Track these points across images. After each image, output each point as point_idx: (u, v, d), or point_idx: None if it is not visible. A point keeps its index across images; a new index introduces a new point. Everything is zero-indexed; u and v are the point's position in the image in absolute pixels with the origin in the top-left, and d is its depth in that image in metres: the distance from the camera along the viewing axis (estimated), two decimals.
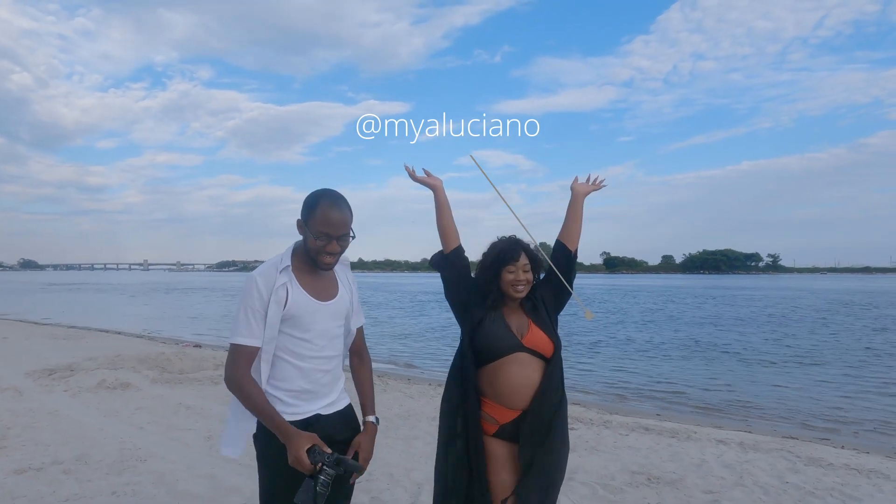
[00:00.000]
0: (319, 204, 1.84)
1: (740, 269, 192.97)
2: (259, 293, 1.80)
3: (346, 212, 1.87)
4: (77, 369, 8.48)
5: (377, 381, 8.50)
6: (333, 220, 1.84)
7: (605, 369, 11.22)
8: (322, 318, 1.90)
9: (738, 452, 5.09)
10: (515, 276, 2.18)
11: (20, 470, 4.18)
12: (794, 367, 11.43)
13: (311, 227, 1.84)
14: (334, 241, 1.85)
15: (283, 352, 1.86)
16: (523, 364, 2.13)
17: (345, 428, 1.97)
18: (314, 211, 1.84)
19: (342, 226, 1.86)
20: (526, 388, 2.11)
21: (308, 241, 1.87)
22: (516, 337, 2.15)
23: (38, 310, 25.96)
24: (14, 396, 6.71)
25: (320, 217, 1.83)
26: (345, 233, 1.87)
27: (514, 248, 2.22)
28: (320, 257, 1.87)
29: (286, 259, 1.90)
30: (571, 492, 3.95)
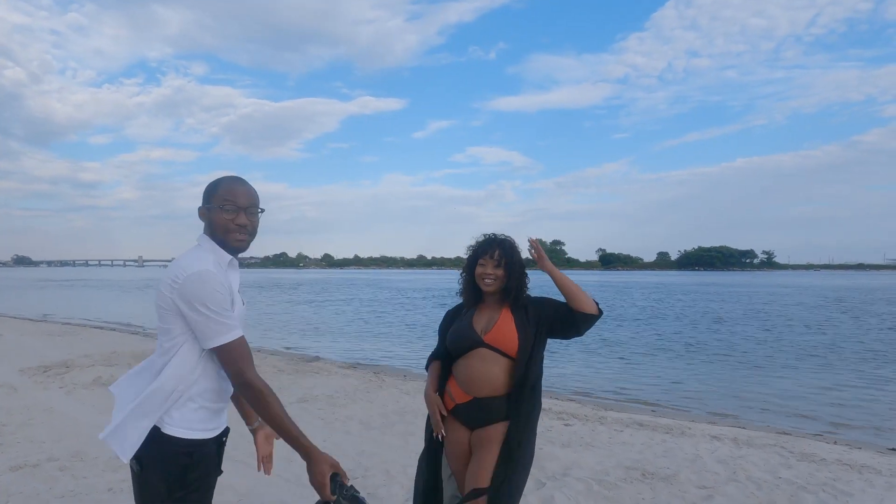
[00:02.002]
0: (223, 181, 1.74)
1: (735, 265, 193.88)
2: (224, 290, 1.64)
3: (251, 187, 1.76)
4: (72, 366, 8.46)
5: (374, 378, 8.52)
6: (239, 190, 1.72)
7: (597, 368, 11.26)
8: (243, 324, 1.78)
9: (732, 448, 5.13)
10: (484, 269, 2.31)
11: (16, 467, 4.18)
12: (788, 364, 11.50)
13: (216, 201, 1.70)
14: (241, 211, 1.70)
15: (212, 362, 1.70)
16: (483, 359, 2.26)
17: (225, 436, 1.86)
18: (217, 189, 1.72)
19: (249, 197, 1.73)
20: (482, 380, 2.25)
21: (213, 220, 1.70)
22: (478, 334, 2.28)
23: (32, 306, 25.86)
24: (9, 393, 6.70)
25: (225, 190, 1.71)
26: (252, 205, 1.73)
27: (488, 244, 2.35)
28: (230, 235, 1.70)
29: (223, 253, 1.72)
30: (567, 487, 3.98)
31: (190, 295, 1.59)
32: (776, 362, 11.65)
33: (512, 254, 2.33)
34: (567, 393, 8.53)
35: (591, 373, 10.46)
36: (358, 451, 4.79)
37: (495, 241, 2.36)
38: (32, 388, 7.02)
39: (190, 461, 1.64)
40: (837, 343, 14.43)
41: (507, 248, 2.33)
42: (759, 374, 10.45)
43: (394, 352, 12.93)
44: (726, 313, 23.53)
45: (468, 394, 2.27)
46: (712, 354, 12.68)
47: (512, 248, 2.35)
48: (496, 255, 2.29)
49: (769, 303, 30.25)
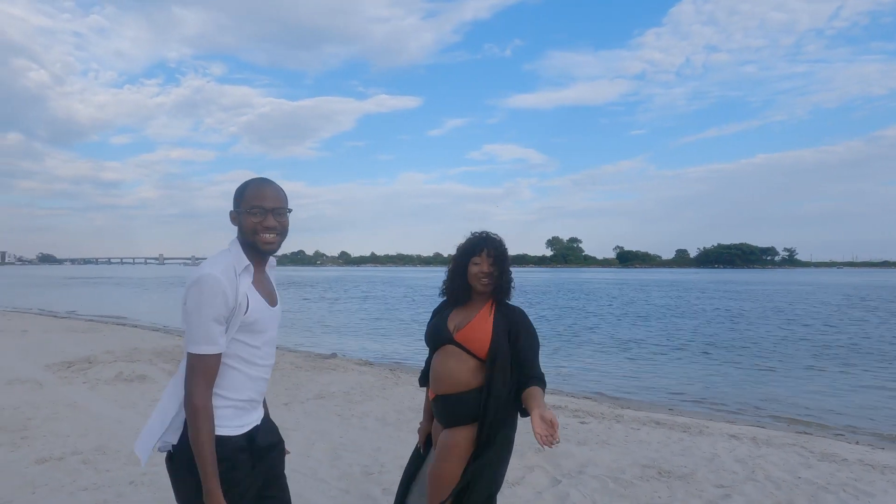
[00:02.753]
0: (249, 185, 1.77)
1: (756, 263, 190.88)
2: (224, 298, 1.63)
3: (278, 188, 1.79)
4: (95, 362, 8.64)
5: (389, 374, 8.57)
6: (266, 193, 1.74)
7: (613, 366, 11.19)
8: (272, 323, 1.80)
9: (751, 447, 5.07)
10: (480, 268, 2.24)
11: (41, 460, 4.28)
12: (810, 363, 11.33)
13: (246, 204, 1.73)
14: (269, 214, 1.73)
15: (234, 360, 1.71)
16: (448, 355, 2.21)
17: (271, 433, 1.90)
18: (244, 192, 1.76)
19: (276, 199, 1.75)
20: (444, 377, 2.20)
21: (243, 224, 1.74)
22: (450, 331, 2.25)
23: (56, 303, 26.40)
24: (35, 388, 6.86)
25: (252, 193, 1.74)
26: (280, 206, 1.76)
27: (482, 241, 2.28)
28: (258, 237, 1.73)
29: (243, 258, 1.74)
30: (582, 485, 3.97)
31: (188, 297, 1.65)
32: (797, 361, 11.47)
33: (505, 253, 2.28)
34: (583, 391, 8.49)
35: (608, 371, 10.40)
36: (374, 447, 4.83)
37: (487, 240, 2.29)
38: (57, 384, 7.18)
39: (220, 457, 1.67)
40: (860, 342, 14.16)
41: (501, 247, 2.28)
42: (778, 373, 10.30)
43: (409, 349, 12.97)
44: (746, 311, 23.22)
45: (434, 391, 2.25)
46: (732, 353, 12.53)
47: (504, 246, 2.30)
48: (492, 254, 2.24)
49: (791, 301, 29.77)
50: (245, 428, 1.75)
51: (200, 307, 1.61)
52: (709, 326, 17.75)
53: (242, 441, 1.73)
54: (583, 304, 27.41)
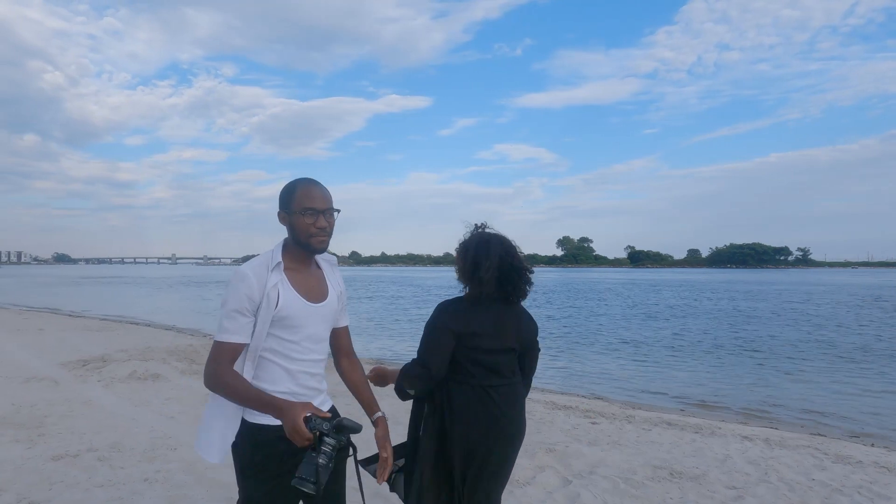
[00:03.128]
0: (298, 186, 1.82)
1: (769, 263, 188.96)
2: (251, 292, 1.72)
3: (325, 188, 1.85)
4: (109, 360, 8.74)
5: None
6: (316, 195, 1.80)
7: (624, 367, 11.14)
8: (313, 320, 1.84)
9: (764, 449, 5.03)
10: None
11: (57, 456, 4.35)
12: (823, 365, 11.21)
13: (297, 207, 1.79)
14: (321, 215, 1.79)
15: (270, 353, 1.78)
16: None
17: None
18: (294, 194, 1.81)
19: (326, 200, 1.82)
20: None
21: (295, 226, 1.80)
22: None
23: (71, 302, 26.72)
24: (51, 386, 6.95)
25: (302, 195, 1.80)
26: (329, 207, 1.82)
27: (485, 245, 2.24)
28: (312, 239, 1.80)
29: (277, 256, 1.82)
30: (593, 485, 3.96)
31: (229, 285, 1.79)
32: (810, 363, 11.36)
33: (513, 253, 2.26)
34: (594, 392, 8.46)
35: (619, 372, 10.35)
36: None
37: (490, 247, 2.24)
38: (72, 381, 7.27)
39: (255, 444, 1.75)
40: (874, 344, 13.98)
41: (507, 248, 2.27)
42: (792, 374, 10.20)
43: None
44: (759, 312, 23.01)
45: None
46: (744, 354, 12.43)
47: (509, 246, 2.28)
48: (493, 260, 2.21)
49: (804, 302, 29.46)
50: None
51: (227, 300, 1.75)
52: (721, 327, 17.61)
53: (281, 431, 1.75)
54: (593, 304, 27.30)
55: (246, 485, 1.79)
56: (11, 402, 6.03)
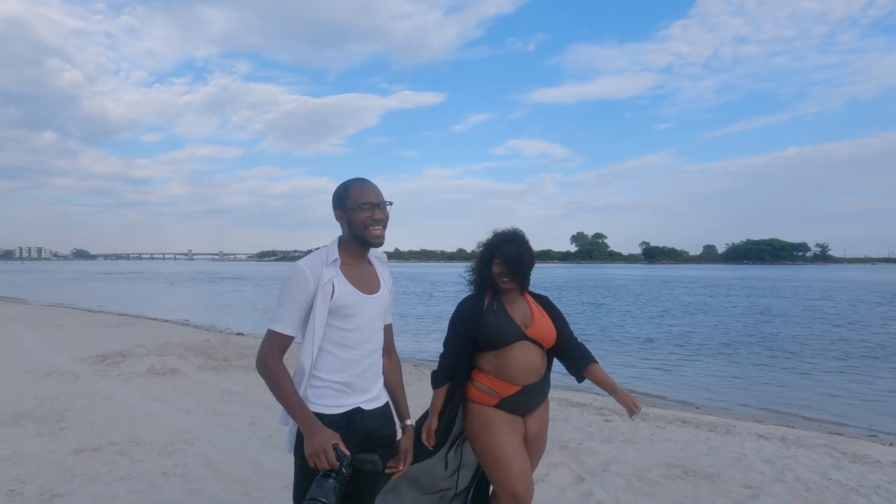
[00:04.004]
0: (351, 184, 1.93)
1: (787, 259, 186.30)
2: (306, 286, 1.83)
3: (375, 185, 1.95)
4: (128, 355, 8.88)
5: (413, 370, 8.63)
6: (370, 190, 1.91)
7: (638, 365, 11.09)
8: (366, 310, 1.93)
9: (780, 447, 4.99)
10: (500, 271, 2.39)
11: (79, 450, 4.44)
12: (841, 364, 11.06)
13: (353, 203, 1.89)
14: (377, 208, 1.90)
15: (327, 343, 1.88)
16: (526, 349, 2.36)
17: (384, 425, 1.98)
18: (348, 192, 1.92)
19: (378, 193, 1.93)
20: (528, 370, 2.36)
21: (353, 221, 1.90)
22: (520, 328, 2.38)
23: (90, 298, 27.15)
24: (71, 381, 7.09)
25: (357, 192, 1.90)
26: (383, 200, 1.93)
27: (504, 243, 2.41)
28: (369, 230, 1.90)
29: (333, 252, 1.92)
30: (606, 482, 3.96)
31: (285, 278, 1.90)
32: (828, 361, 11.21)
33: (527, 251, 2.42)
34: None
35: (633, 369, 10.30)
36: None
37: (512, 240, 2.42)
38: (92, 376, 7.40)
39: None
40: (894, 343, 13.76)
41: (521, 247, 2.40)
42: (809, 373, 10.09)
43: (431, 345, 13.03)
44: (775, 309, 22.74)
45: (516, 384, 2.34)
46: (760, 352, 12.31)
47: (526, 243, 2.43)
48: (510, 263, 2.37)
49: (821, 298, 29.06)
50: (343, 409, 1.87)
51: (283, 293, 1.85)
52: (736, 324, 17.44)
53: (340, 420, 1.84)
54: (606, 300, 27.16)
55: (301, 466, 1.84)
56: (34, 396, 6.16)
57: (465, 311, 2.43)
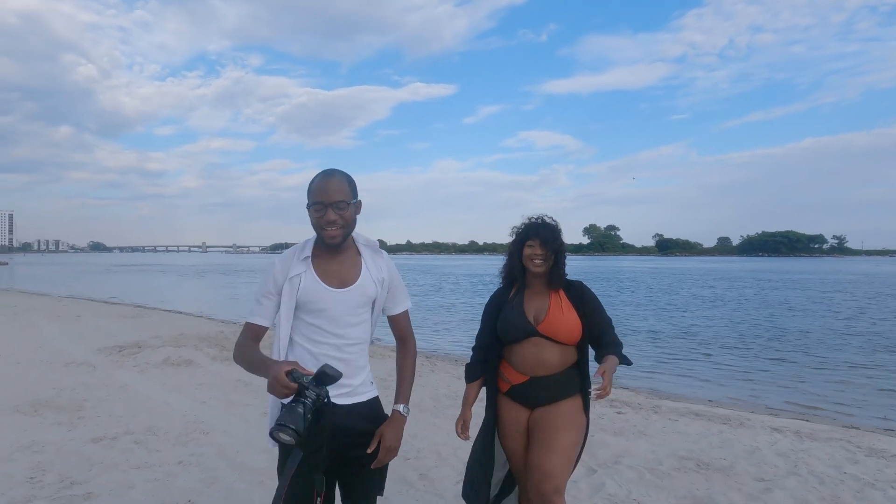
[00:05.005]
0: (313, 180, 1.87)
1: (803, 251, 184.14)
2: (274, 278, 1.88)
3: (337, 179, 1.85)
4: (144, 346, 9.00)
5: (425, 361, 8.65)
6: (324, 187, 1.83)
7: (651, 358, 11.04)
8: (335, 304, 1.88)
9: (794, 441, 4.95)
10: (533, 250, 2.36)
11: (97, 439, 4.52)
12: (858, 358, 10.93)
13: (309, 200, 1.85)
14: (328, 208, 1.81)
15: (298, 336, 1.90)
16: (538, 345, 2.33)
17: (364, 419, 1.91)
18: (310, 188, 1.87)
19: (334, 192, 1.82)
20: (535, 362, 2.33)
21: (310, 219, 1.87)
22: (532, 324, 2.34)
23: (107, 290, 27.52)
24: (89, 371, 7.21)
25: (314, 189, 1.85)
26: (339, 199, 1.81)
27: (538, 226, 2.40)
28: (322, 231, 1.85)
29: (308, 248, 1.92)
30: (618, 475, 3.96)
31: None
32: (844, 355, 11.08)
33: (559, 237, 2.39)
34: (620, 382, 8.40)
35: (647, 362, 10.26)
36: (410, 433, 4.90)
37: (545, 223, 2.41)
38: (109, 367, 7.52)
39: None
40: None
41: (555, 231, 2.39)
42: (825, 367, 9.98)
43: (444, 337, 13.06)
44: (790, 302, 22.49)
45: (524, 374, 2.34)
46: (774, 345, 12.19)
47: (558, 230, 2.41)
48: (545, 237, 2.34)
49: (837, 291, 28.70)
50: None
51: (258, 285, 1.91)
52: (749, 317, 17.28)
53: None
54: (613, 292, 27.02)
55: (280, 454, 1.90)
56: (52, 386, 6.27)
57: (492, 304, 2.51)
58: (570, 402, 2.34)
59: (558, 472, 2.24)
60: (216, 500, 3.48)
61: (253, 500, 3.46)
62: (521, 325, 2.34)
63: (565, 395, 2.34)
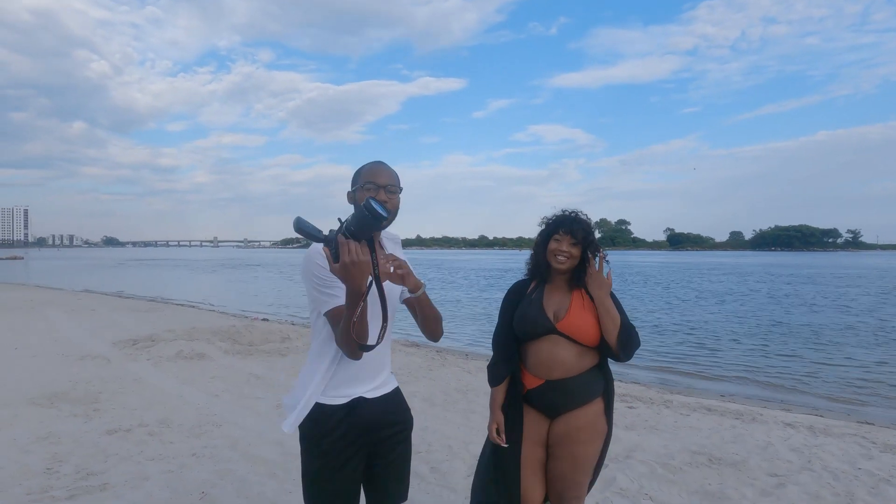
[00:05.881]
0: (364, 166, 1.90)
1: (816, 245, 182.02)
2: (319, 267, 1.79)
3: (388, 167, 1.90)
4: (157, 340, 9.09)
5: (436, 356, 8.68)
6: (377, 171, 1.87)
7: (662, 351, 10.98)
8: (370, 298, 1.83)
9: (807, 436, 4.91)
10: (559, 245, 2.22)
11: (111, 430, 4.58)
12: (873, 352, 10.81)
13: (361, 182, 1.86)
14: (381, 189, 1.84)
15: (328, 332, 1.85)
16: (557, 344, 2.19)
17: (391, 411, 1.93)
18: (360, 172, 1.89)
19: (388, 177, 1.87)
20: (553, 363, 2.19)
21: (358, 201, 1.86)
22: (550, 321, 2.20)
23: (121, 284, 27.81)
24: (103, 364, 7.29)
25: (366, 173, 1.87)
26: (392, 183, 1.86)
27: (568, 220, 2.25)
28: None
29: None
30: (629, 469, 3.95)
31: (302, 271, 1.86)
32: (858, 350, 10.96)
33: (590, 234, 2.25)
34: (630, 376, 8.37)
35: (657, 356, 10.21)
36: (421, 427, 4.92)
37: (576, 218, 2.26)
38: (123, 360, 7.61)
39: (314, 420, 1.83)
40: None
41: (586, 228, 2.24)
42: (838, 362, 9.88)
43: (455, 333, 13.07)
44: (803, 296, 22.27)
45: (539, 377, 2.21)
46: (788, 339, 12.08)
47: (590, 228, 2.27)
48: (575, 233, 2.21)
49: (850, 286, 28.36)
50: (345, 398, 1.85)
51: (305, 279, 1.84)
52: (761, 312, 17.13)
53: (341, 411, 1.83)
54: (629, 287, 26.89)
55: (305, 458, 1.88)
56: (68, 379, 6.36)
57: (510, 297, 2.36)
58: (590, 409, 2.20)
59: (580, 482, 2.20)
60: (229, 491, 3.51)
61: (265, 492, 3.50)
62: (540, 321, 2.20)
63: (585, 400, 2.19)
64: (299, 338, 9.82)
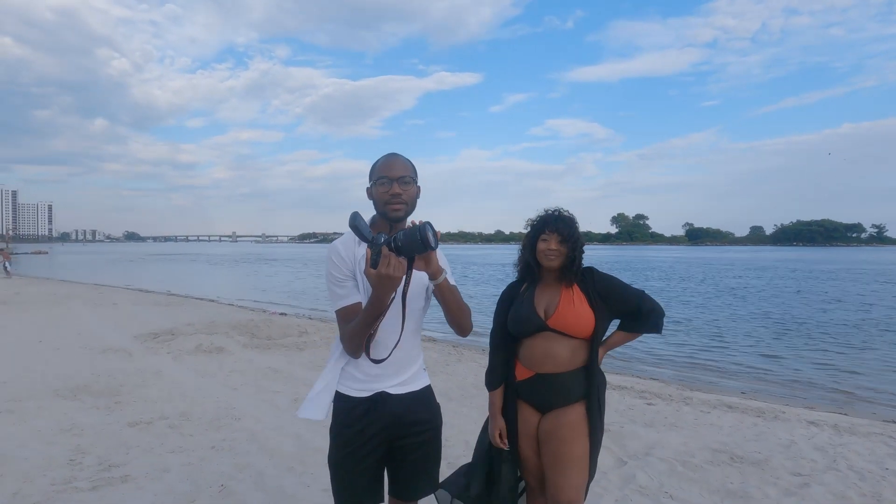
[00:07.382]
0: (378, 160, 1.90)
1: (839, 240, 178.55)
2: (342, 261, 1.82)
3: (402, 159, 1.89)
4: (177, 334, 9.21)
5: (452, 351, 8.67)
6: (389, 164, 1.86)
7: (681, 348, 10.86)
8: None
9: (832, 435, 4.81)
10: (547, 244, 2.26)
11: (133, 423, 4.64)
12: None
13: (375, 177, 1.86)
14: (395, 182, 1.83)
15: None
16: (550, 340, 2.23)
17: (418, 409, 1.92)
18: (375, 166, 1.89)
19: (399, 169, 1.85)
20: (545, 357, 2.23)
21: (374, 195, 1.87)
22: (541, 318, 2.24)
23: (142, 278, 28.24)
24: (125, 357, 7.40)
25: (379, 167, 1.87)
26: (405, 175, 1.85)
27: (553, 219, 2.30)
28: (387, 206, 1.84)
29: None
30: (649, 467, 3.90)
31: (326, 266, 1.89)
32: (884, 349, 10.73)
33: (575, 230, 2.29)
34: (649, 373, 8.29)
35: (675, 353, 10.09)
36: None
37: (560, 216, 2.31)
38: (144, 353, 7.71)
39: (337, 410, 1.89)
40: None
41: (571, 225, 2.29)
42: (865, 360, 9.68)
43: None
44: (826, 293, 21.86)
45: (530, 369, 2.26)
46: (809, 337, 11.87)
47: (575, 224, 2.31)
48: (561, 230, 2.25)
49: (875, 282, 27.76)
50: (367, 392, 1.86)
51: (327, 275, 1.86)
52: (783, 308, 16.85)
53: (363, 405, 1.84)
54: (647, 283, 26.64)
55: (331, 445, 1.92)
56: (91, 372, 6.46)
57: (504, 299, 2.42)
58: (576, 409, 2.22)
59: (573, 484, 2.18)
60: (248, 484, 3.54)
61: (283, 486, 3.51)
62: (532, 318, 2.24)
63: (571, 399, 2.21)
64: (317, 332, 9.88)
